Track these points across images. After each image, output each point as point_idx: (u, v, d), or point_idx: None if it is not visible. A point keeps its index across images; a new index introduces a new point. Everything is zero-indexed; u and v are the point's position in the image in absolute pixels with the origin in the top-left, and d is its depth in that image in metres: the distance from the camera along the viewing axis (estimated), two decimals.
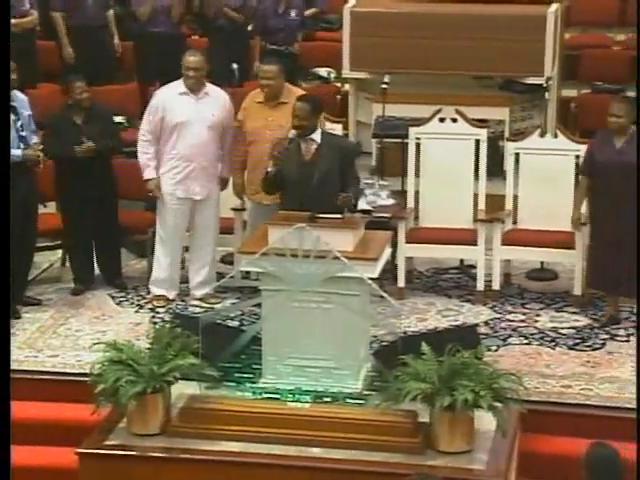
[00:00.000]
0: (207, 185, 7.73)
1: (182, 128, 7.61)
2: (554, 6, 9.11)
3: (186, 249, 7.99)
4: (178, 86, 7.71)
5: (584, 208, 7.78)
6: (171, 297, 7.86)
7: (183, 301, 7.88)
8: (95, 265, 8.09)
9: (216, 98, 7.73)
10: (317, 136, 6.75)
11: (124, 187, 8.12)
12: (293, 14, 10.30)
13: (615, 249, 7.28)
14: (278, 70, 7.58)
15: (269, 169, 6.72)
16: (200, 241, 7.82)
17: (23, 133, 7.46)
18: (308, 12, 10.83)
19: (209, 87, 7.75)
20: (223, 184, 7.86)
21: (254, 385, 6.28)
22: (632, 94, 10.08)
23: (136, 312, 7.75)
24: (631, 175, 7.16)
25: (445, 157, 7.98)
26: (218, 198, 7.83)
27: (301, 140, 6.72)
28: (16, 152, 7.29)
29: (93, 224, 7.92)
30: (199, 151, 7.65)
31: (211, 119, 7.64)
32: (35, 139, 7.65)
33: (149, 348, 6.23)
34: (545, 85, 8.67)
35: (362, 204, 7.50)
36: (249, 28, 10.45)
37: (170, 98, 7.65)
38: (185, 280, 7.94)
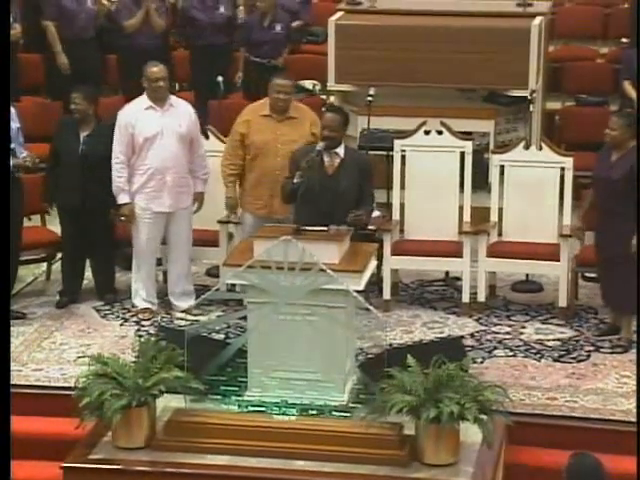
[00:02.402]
0: (180, 197, 7.72)
1: (152, 142, 7.60)
2: (538, 19, 9.15)
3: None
4: (142, 101, 7.70)
5: (569, 220, 7.83)
6: (155, 309, 7.84)
7: (168, 314, 7.87)
8: (82, 278, 8.10)
9: (181, 109, 7.74)
10: (341, 150, 6.76)
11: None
12: (278, 28, 10.32)
13: (606, 264, 7.30)
14: (292, 85, 7.66)
15: (295, 180, 6.62)
16: (175, 253, 7.81)
17: (11, 145, 7.45)
18: (294, 25, 10.84)
19: (173, 99, 7.76)
20: (200, 199, 7.85)
21: (239, 398, 6.27)
22: (615, 107, 10.15)
23: (121, 325, 7.74)
24: (618, 190, 7.16)
25: (430, 169, 8.00)
26: (191, 209, 7.82)
27: (325, 153, 6.71)
28: None
29: (85, 236, 7.91)
30: (171, 163, 7.64)
31: (179, 130, 7.64)
32: (24, 152, 7.64)
33: (134, 361, 6.22)
34: (529, 97, 8.69)
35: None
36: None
37: (136, 114, 7.64)
38: (167, 293, 7.94)
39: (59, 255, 8.25)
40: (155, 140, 7.60)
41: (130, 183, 7.67)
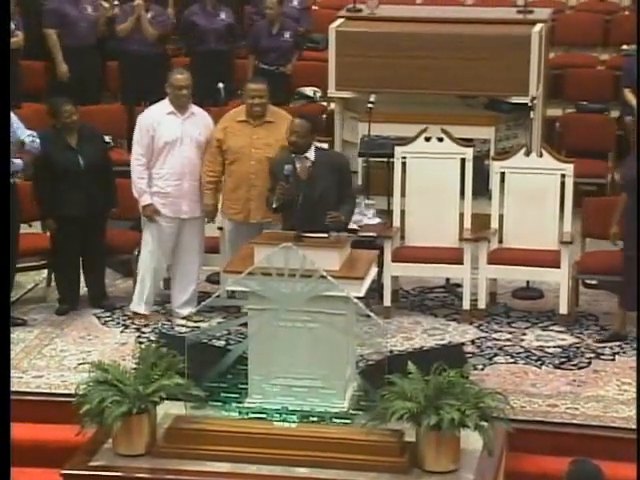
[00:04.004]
0: (196, 205, 7.75)
1: (171, 147, 7.64)
2: (538, 26, 9.15)
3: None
4: (164, 106, 7.74)
5: (569, 227, 7.84)
6: (148, 313, 7.83)
7: (169, 321, 7.87)
8: (80, 285, 8.09)
9: (201, 117, 7.79)
10: (311, 154, 6.76)
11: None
12: (287, 35, 10.38)
13: (633, 265, 7.27)
14: (266, 88, 7.62)
15: (274, 205, 6.60)
16: (186, 260, 7.82)
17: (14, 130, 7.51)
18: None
19: (194, 107, 7.80)
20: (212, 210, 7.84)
21: (240, 405, 6.26)
22: (616, 114, 10.15)
23: (122, 332, 7.73)
24: None
25: (431, 176, 8.00)
26: (204, 217, 7.84)
27: (296, 159, 6.72)
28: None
29: (81, 244, 7.90)
30: (188, 170, 7.68)
31: (198, 138, 7.68)
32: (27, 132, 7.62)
33: (135, 368, 6.22)
34: (530, 104, 8.70)
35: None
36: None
37: (158, 118, 7.68)
38: (168, 300, 7.94)
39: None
40: (175, 145, 7.63)
41: (149, 184, 7.69)
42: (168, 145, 7.63)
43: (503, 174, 7.99)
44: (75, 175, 7.76)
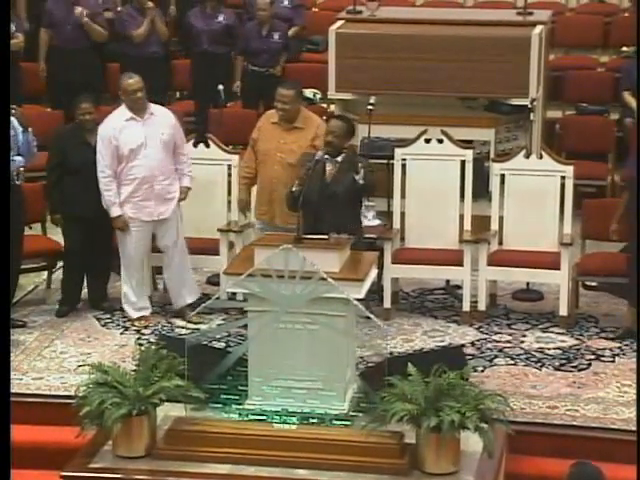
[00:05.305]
0: (167, 204, 7.71)
1: (137, 153, 7.59)
2: (538, 28, 9.16)
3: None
4: (122, 113, 7.68)
5: (569, 228, 7.84)
6: (148, 314, 7.83)
7: (169, 323, 7.87)
8: (82, 288, 8.09)
9: (162, 117, 7.75)
10: (340, 158, 6.80)
11: None
12: (276, 37, 10.38)
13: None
14: (294, 95, 7.64)
15: (294, 188, 6.72)
16: (171, 261, 7.80)
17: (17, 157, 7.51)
18: (291, 32, 10.86)
19: (152, 107, 7.75)
20: (185, 193, 7.81)
21: (240, 407, 6.27)
22: (615, 116, 10.16)
23: (122, 334, 7.73)
24: None
25: (431, 178, 8.01)
26: (179, 214, 7.79)
27: (327, 161, 6.75)
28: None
29: (87, 245, 7.89)
30: (158, 172, 7.64)
31: (162, 138, 7.65)
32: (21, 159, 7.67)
33: (135, 370, 6.22)
34: (530, 106, 8.70)
35: None
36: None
37: (118, 126, 7.62)
38: (168, 301, 7.94)
39: (60, 264, 8.24)
40: (140, 150, 7.59)
41: (118, 193, 7.66)
42: (133, 151, 7.58)
43: (503, 176, 7.99)
44: (88, 173, 7.73)
